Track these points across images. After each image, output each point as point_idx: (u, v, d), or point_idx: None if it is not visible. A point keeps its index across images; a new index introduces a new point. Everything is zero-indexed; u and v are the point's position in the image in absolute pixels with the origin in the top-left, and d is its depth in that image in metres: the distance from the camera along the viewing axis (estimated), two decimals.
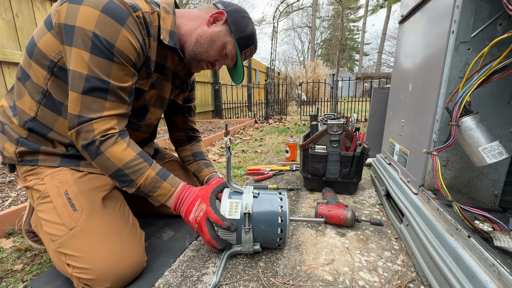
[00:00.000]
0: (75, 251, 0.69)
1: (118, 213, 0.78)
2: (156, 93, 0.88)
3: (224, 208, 0.73)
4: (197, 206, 0.74)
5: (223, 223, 0.70)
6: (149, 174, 0.72)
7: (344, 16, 5.45)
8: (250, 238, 0.73)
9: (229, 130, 3.53)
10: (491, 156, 0.58)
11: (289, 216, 0.76)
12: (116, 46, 0.64)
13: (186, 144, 1.13)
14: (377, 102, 1.87)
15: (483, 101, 0.71)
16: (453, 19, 0.69)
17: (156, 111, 0.93)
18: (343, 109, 6.17)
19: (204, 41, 0.80)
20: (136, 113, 0.87)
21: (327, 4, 25.05)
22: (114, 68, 0.66)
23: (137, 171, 0.70)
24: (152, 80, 0.82)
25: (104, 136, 0.67)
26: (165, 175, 0.75)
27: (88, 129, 0.66)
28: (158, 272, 0.76)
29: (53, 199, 0.73)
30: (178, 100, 1.03)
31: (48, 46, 0.69)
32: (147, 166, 0.72)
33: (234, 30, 0.81)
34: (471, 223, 0.57)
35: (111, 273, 0.68)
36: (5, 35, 2.05)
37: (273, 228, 0.74)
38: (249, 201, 0.74)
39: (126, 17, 0.65)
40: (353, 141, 1.17)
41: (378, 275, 0.71)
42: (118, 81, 0.68)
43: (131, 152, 0.70)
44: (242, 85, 6.04)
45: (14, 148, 0.77)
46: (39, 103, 0.74)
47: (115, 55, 0.65)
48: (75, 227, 0.70)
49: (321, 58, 25.40)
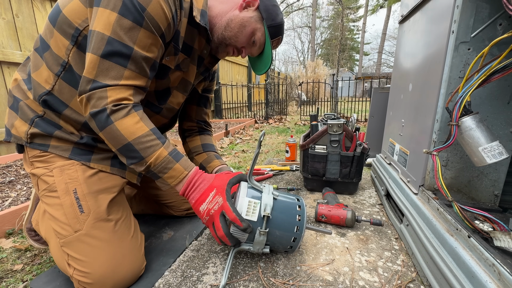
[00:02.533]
0: (78, 253, 0.68)
1: (122, 219, 0.77)
2: (180, 76, 0.84)
3: (242, 207, 0.68)
4: (211, 198, 0.67)
5: (241, 224, 0.64)
6: (161, 152, 0.66)
7: (344, 16, 5.45)
8: (263, 240, 0.69)
9: (229, 130, 3.53)
10: (491, 156, 0.58)
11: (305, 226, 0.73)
12: (147, 10, 0.60)
13: (196, 135, 1.06)
14: (377, 102, 1.87)
15: (483, 101, 0.71)
16: (453, 19, 0.69)
17: (178, 95, 0.89)
18: (343, 109, 6.17)
19: (234, 25, 0.78)
20: (158, 95, 0.83)
21: (327, 4, 25.06)
22: (141, 34, 0.61)
23: (149, 148, 0.64)
24: (178, 60, 0.79)
25: (116, 105, 0.61)
26: (178, 156, 0.69)
27: (100, 96, 0.60)
28: (158, 272, 0.76)
29: (60, 195, 0.72)
30: (199, 88, 1.00)
31: (74, 12, 0.65)
32: (160, 144, 0.66)
33: (266, 18, 0.78)
34: (471, 223, 0.57)
35: (110, 279, 0.68)
36: (5, 35, 2.05)
37: (287, 235, 0.71)
38: (268, 203, 0.69)
39: None
40: (353, 141, 1.17)
41: (378, 275, 0.71)
42: (143, 49, 0.63)
43: (143, 127, 0.65)
44: (242, 85, 6.03)
45: (26, 128, 0.72)
46: (58, 75, 0.69)
47: (145, 19, 0.60)
48: (80, 230, 0.70)
49: (321, 58, 25.40)
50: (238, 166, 2.00)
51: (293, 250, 0.75)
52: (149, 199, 1.08)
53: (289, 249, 0.74)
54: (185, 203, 1.07)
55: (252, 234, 0.69)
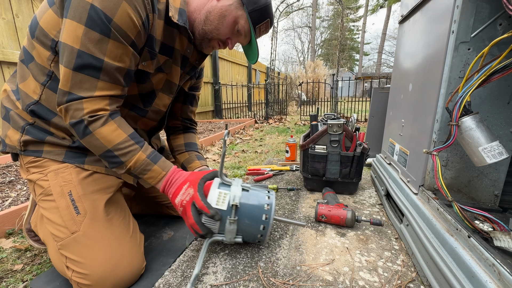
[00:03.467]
0: (76, 255, 0.68)
1: (120, 218, 0.77)
2: (164, 78, 0.83)
3: (212, 197, 0.73)
4: (184, 190, 0.72)
5: (208, 211, 0.69)
6: (139, 156, 0.69)
7: (344, 16, 5.45)
8: (234, 229, 0.73)
9: (229, 130, 3.53)
10: (491, 156, 0.58)
11: (273, 215, 0.76)
12: (114, 21, 0.59)
13: (180, 133, 1.06)
14: (377, 102, 1.87)
15: (483, 101, 0.71)
16: (453, 19, 0.69)
17: (164, 97, 0.87)
18: (343, 109, 6.17)
19: (213, 17, 0.74)
20: (143, 98, 0.83)
21: (327, 4, 25.06)
22: (110, 45, 0.61)
23: (127, 153, 0.68)
24: (158, 62, 0.77)
25: (93, 116, 0.63)
26: (156, 158, 0.72)
27: (77, 108, 0.62)
28: (158, 272, 0.76)
29: (56, 198, 0.72)
30: (185, 87, 0.98)
31: (49, 23, 0.66)
32: (138, 148, 0.69)
33: (246, 2, 0.73)
34: (471, 223, 0.57)
35: (110, 280, 0.68)
36: (5, 35, 2.05)
37: (256, 224, 0.75)
38: (237, 194, 0.74)
39: None
40: (353, 141, 1.17)
41: (378, 275, 0.71)
42: (114, 60, 0.63)
43: (121, 134, 0.67)
44: (242, 85, 6.04)
45: (18, 136, 0.73)
46: (44, 85, 0.70)
47: (112, 30, 0.60)
48: (77, 231, 0.69)
49: (321, 58, 25.42)
50: (238, 166, 2.00)
51: (263, 240, 0.77)
52: (148, 199, 1.08)
53: (261, 238, 0.77)
54: None
55: (223, 225, 0.73)
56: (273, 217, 0.76)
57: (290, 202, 1.19)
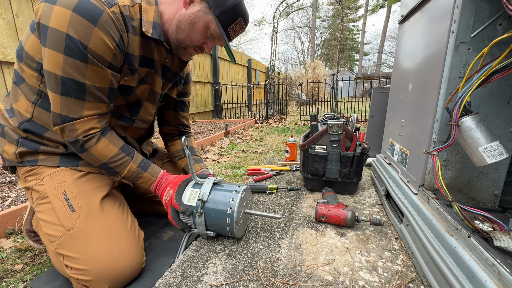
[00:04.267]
0: (73, 252, 0.69)
1: (116, 213, 0.78)
2: (148, 88, 0.86)
3: (185, 196, 0.83)
4: (167, 191, 0.82)
5: (178, 208, 0.78)
6: (131, 166, 0.79)
7: (344, 16, 5.45)
8: (202, 221, 0.82)
9: (229, 130, 3.53)
10: (491, 156, 0.58)
11: (239, 208, 0.82)
12: (89, 48, 0.63)
13: (176, 139, 1.11)
14: (377, 102, 1.87)
15: (483, 101, 0.71)
16: (453, 19, 0.69)
17: (149, 106, 0.91)
18: (343, 109, 6.17)
19: (184, 26, 0.75)
20: (130, 108, 0.87)
21: (327, 4, 25.04)
22: (89, 70, 0.66)
23: (120, 165, 0.77)
24: (140, 75, 0.81)
25: (86, 136, 0.71)
26: (145, 166, 0.82)
27: (71, 128, 0.69)
28: (158, 272, 0.76)
29: (51, 199, 0.73)
30: (172, 94, 1.00)
31: (33, 48, 0.70)
32: (129, 159, 0.78)
33: (213, 6, 0.72)
34: (471, 223, 0.57)
35: (109, 275, 0.68)
36: (5, 35, 2.05)
37: (222, 217, 0.81)
38: (205, 191, 0.83)
39: (99, 15, 0.62)
40: (353, 141, 1.17)
41: (378, 275, 0.71)
42: (95, 82, 0.68)
43: (113, 148, 0.76)
44: (242, 85, 6.03)
45: (14, 149, 0.77)
46: (35, 104, 0.75)
47: (89, 56, 0.64)
48: (73, 228, 0.70)
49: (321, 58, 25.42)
50: (238, 166, 2.01)
51: (232, 232, 0.82)
52: (149, 199, 1.09)
53: (230, 231, 0.82)
54: None
55: (195, 219, 0.82)
56: (237, 210, 0.81)
57: (290, 202, 1.19)
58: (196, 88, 5.22)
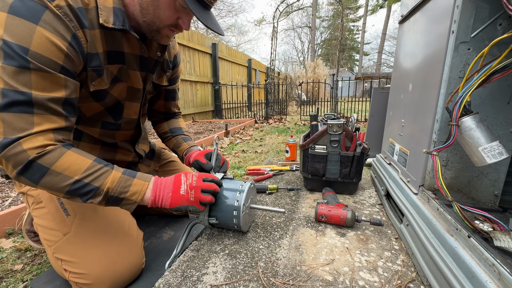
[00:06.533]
0: (70, 256, 0.68)
1: (113, 215, 0.77)
2: (125, 86, 0.75)
3: None
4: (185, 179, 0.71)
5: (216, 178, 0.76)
6: (114, 175, 0.62)
7: (344, 16, 5.46)
8: None
9: (229, 130, 3.53)
10: (491, 156, 0.58)
11: (245, 202, 0.82)
12: (31, 50, 0.53)
13: (163, 121, 1.06)
14: (377, 102, 1.87)
15: (483, 101, 0.71)
16: (453, 19, 0.69)
17: (131, 105, 0.81)
18: (343, 109, 6.17)
19: (147, 5, 0.64)
20: (111, 112, 0.78)
21: (327, 4, 25.06)
22: (33, 77, 0.54)
23: (100, 176, 0.60)
24: (112, 74, 0.70)
25: (40, 153, 0.55)
26: (132, 173, 0.67)
27: (17, 151, 0.54)
28: (158, 272, 0.76)
29: (46, 204, 0.73)
30: (162, 83, 0.90)
31: None
32: (110, 169, 0.63)
33: None
34: (471, 223, 0.57)
35: (108, 277, 0.68)
36: None
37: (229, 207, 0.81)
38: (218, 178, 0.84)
39: (41, 12, 0.52)
40: (353, 141, 1.17)
41: (378, 275, 0.71)
42: (44, 91, 0.55)
43: (86, 160, 0.60)
44: (242, 85, 6.03)
45: None
46: None
47: (31, 61, 0.53)
48: (69, 232, 0.70)
49: (321, 58, 25.40)
50: (238, 166, 2.01)
51: (239, 225, 0.82)
52: None
53: (236, 223, 0.82)
54: None
55: None
56: (243, 204, 0.81)
57: (290, 202, 1.19)
58: (196, 88, 5.22)
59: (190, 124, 4.70)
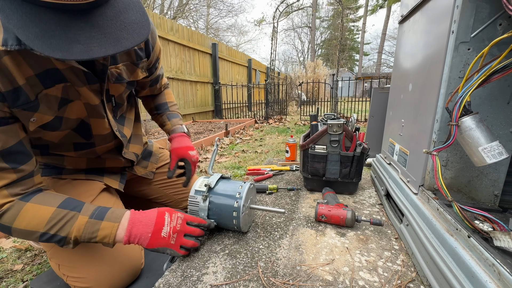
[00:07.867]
0: (67, 261, 0.68)
1: None
2: (80, 104, 0.65)
3: (196, 184, 0.86)
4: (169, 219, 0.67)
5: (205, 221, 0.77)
6: (79, 221, 0.58)
7: (344, 16, 5.46)
8: (205, 206, 0.82)
9: (229, 130, 3.53)
10: (491, 156, 0.58)
11: (244, 203, 0.83)
12: None
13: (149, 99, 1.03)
14: (377, 102, 1.87)
15: (483, 101, 0.71)
16: (453, 19, 0.69)
17: (97, 121, 0.71)
18: (343, 109, 6.17)
19: None
20: (79, 133, 0.71)
21: (327, 4, 25.06)
22: None
23: (65, 225, 0.57)
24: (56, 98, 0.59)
25: None
26: (101, 214, 0.61)
27: None
28: (158, 272, 0.76)
29: None
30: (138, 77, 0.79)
31: None
32: (76, 214, 0.59)
33: None
34: (471, 223, 0.57)
35: (106, 280, 0.68)
36: None
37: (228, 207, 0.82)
38: (213, 180, 0.87)
39: None
40: (353, 141, 1.17)
41: (378, 275, 0.71)
42: None
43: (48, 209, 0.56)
44: (242, 85, 6.03)
45: None
46: None
47: None
48: None
49: (321, 58, 25.43)
50: (238, 166, 2.01)
51: (239, 226, 0.83)
52: (149, 201, 1.08)
53: (236, 224, 0.83)
54: (183, 202, 1.07)
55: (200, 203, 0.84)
56: (243, 204, 0.82)
57: (290, 202, 1.19)
58: (196, 88, 5.22)
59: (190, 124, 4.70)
